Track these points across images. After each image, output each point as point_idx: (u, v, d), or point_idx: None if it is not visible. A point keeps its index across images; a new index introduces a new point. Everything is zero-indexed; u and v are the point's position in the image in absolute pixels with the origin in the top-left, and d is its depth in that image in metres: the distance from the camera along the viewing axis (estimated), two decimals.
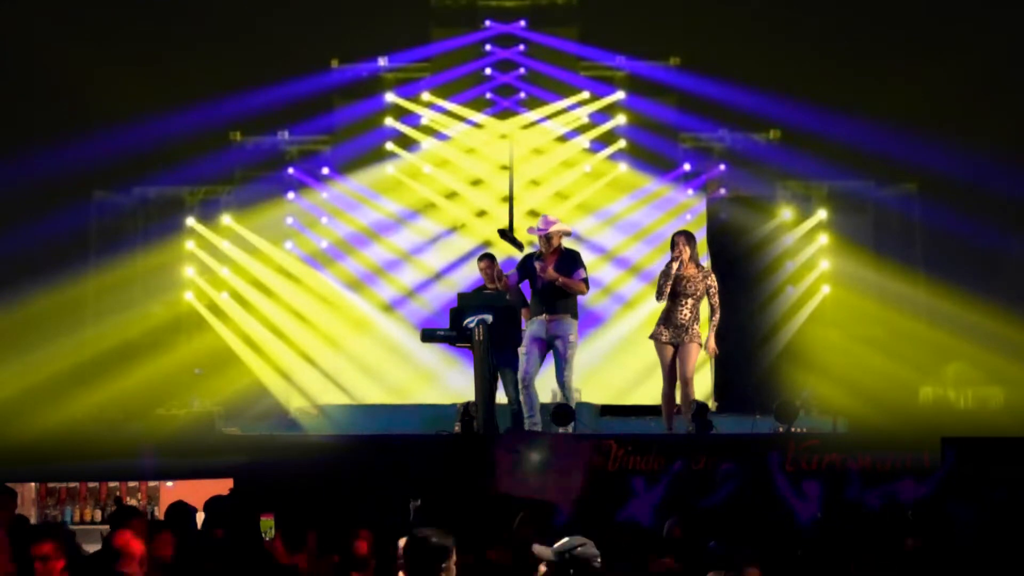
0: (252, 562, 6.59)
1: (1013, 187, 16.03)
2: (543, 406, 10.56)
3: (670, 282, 10.38)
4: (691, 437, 9.87)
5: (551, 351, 10.37)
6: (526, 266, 10.47)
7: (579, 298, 10.55)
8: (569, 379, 10.36)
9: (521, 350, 10.50)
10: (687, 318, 10.39)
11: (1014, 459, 8.83)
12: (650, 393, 16.54)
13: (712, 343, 10.52)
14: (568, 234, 10.74)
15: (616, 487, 9.02)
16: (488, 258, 11.54)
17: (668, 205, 17.77)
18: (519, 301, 10.96)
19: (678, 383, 10.46)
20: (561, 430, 9.96)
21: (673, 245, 10.50)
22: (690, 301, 10.41)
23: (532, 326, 10.40)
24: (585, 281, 10.40)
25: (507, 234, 11.44)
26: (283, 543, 6.68)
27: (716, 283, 10.52)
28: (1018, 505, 7.66)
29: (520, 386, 10.35)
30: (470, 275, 17.09)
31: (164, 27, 16.74)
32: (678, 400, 10.49)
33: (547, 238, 10.36)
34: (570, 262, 10.39)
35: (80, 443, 10.89)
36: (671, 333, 10.42)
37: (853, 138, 16.51)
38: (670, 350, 10.44)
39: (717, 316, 10.50)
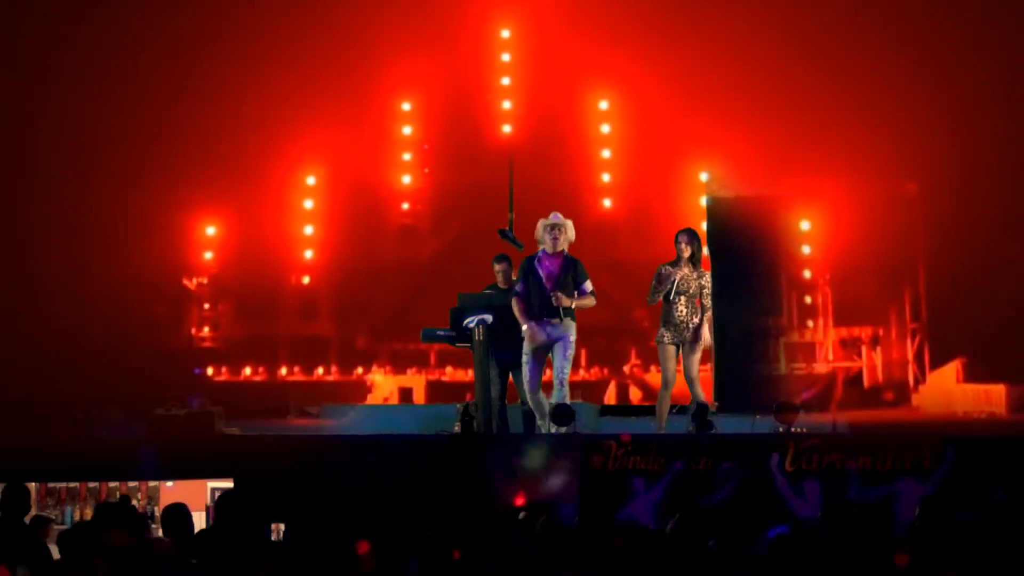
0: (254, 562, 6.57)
1: (1013, 187, 16.03)
2: None
3: (662, 287, 10.30)
4: (691, 437, 9.85)
5: (550, 353, 10.19)
6: (528, 270, 10.19)
7: None
8: (567, 379, 10.22)
9: (524, 358, 10.22)
10: (684, 315, 10.28)
11: (1014, 459, 8.83)
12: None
13: (706, 334, 10.48)
14: (570, 240, 10.34)
15: (616, 487, 9.01)
16: (505, 260, 11.09)
17: None
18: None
19: (679, 384, 10.40)
20: (564, 430, 9.91)
21: (677, 244, 10.41)
22: (683, 299, 10.30)
23: (532, 331, 10.11)
24: (592, 293, 10.20)
25: (507, 234, 11.36)
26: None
27: (709, 283, 10.45)
28: (1018, 506, 7.65)
29: (529, 397, 10.21)
30: None
31: None
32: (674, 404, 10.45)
33: (556, 234, 10.13)
34: (577, 271, 10.15)
35: (80, 443, 10.89)
36: (672, 333, 10.31)
37: (853, 138, 16.50)
38: (672, 350, 10.31)
39: (708, 313, 10.40)
